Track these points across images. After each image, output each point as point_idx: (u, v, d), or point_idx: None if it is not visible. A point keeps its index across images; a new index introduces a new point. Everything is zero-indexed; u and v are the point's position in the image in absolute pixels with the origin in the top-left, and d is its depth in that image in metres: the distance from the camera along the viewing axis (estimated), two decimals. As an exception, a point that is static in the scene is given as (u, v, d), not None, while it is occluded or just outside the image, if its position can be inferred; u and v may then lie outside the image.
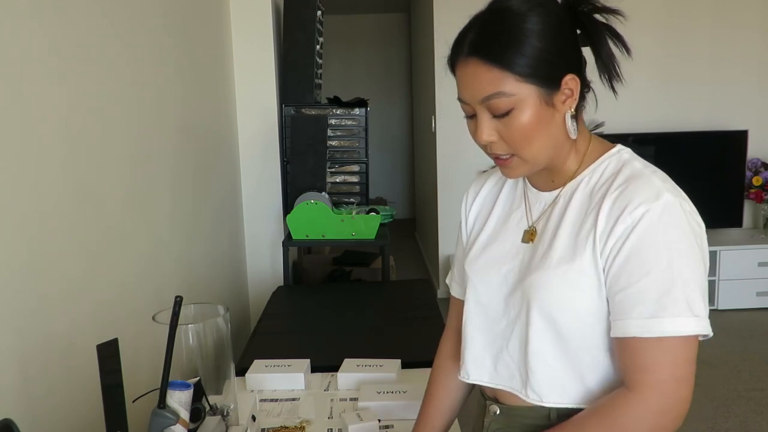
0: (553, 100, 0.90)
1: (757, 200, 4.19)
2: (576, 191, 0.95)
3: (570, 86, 0.91)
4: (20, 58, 1.17)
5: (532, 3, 0.89)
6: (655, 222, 0.85)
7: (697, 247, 0.86)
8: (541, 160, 0.94)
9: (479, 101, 0.90)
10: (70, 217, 1.33)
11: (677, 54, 4.26)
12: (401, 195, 7.40)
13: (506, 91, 0.87)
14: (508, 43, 0.87)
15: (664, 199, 0.86)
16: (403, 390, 1.37)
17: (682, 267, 0.84)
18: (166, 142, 1.98)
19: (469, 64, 0.90)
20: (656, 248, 0.85)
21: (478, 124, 0.92)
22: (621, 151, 0.97)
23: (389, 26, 7.32)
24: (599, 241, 0.88)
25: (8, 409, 1.07)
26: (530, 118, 0.89)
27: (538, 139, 0.90)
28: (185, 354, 1.08)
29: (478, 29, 0.90)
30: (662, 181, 0.90)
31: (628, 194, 0.87)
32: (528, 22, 0.87)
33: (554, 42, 0.89)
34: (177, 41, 2.16)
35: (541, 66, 0.87)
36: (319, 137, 2.93)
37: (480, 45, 0.89)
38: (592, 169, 0.95)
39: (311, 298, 2.51)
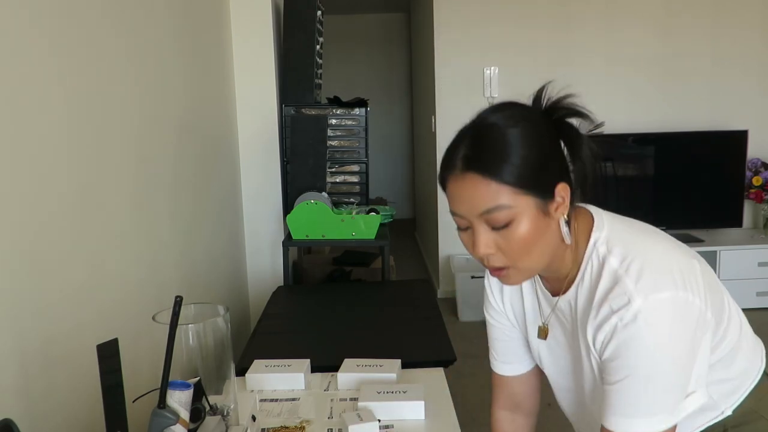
0: (548, 209, 0.92)
1: (757, 200, 4.19)
2: (578, 299, 0.99)
3: (562, 194, 0.92)
4: (20, 58, 1.17)
5: (516, 117, 0.92)
6: (628, 332, 0.88)
7: (675, 334, 0.88)
8: (537, 268, 0.97)
9: (478, 215, 0.91)
10: (70, 217, 1.33)
11: (677, 54, 4.26)
12: (401, 195, 7.40)
13: (505, 203, 0.88)
14: (503, 156, 0.88)
15: (634, 307, 0.87)
16: (403, 390, 1.37)
17: (652, 372, 0.88)
18: (166, 143, 1.98)
19: (465, 179, 0.90)
20: (627, 357, 0.89)
21: (476, 237, 0.92)
22: (597, 242, 0.97)
23: (389, 26, 7.32)
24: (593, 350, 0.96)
25: (8, 408, 1.07)
26: (529, 229, 0.90)
27: (537, 248, 0.92)
28: (185, 354, 1.08)
29: (469, 144, 0.91)
30: (636, 279, 0.89)
31: (605, 309, 0.91)
32: (517, 135, 0.89)
33: (543, 152, 0.91)
34: (177, 41, 2.16)
35: (537, 176, 0.89)
36: (319, 137, 2.93)
37: (475, 159, 0.89)
38: (581, 274, 0.98)
39: (311, 298, 2.51)
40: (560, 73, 4.22)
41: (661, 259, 0.92)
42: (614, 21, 4.23)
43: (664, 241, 0.98)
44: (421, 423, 1.30)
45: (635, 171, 4.22)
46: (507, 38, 4.25)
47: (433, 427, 1.29)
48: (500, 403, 1.25)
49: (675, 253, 0.95)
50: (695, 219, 4.21)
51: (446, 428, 1.28)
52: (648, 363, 0.88)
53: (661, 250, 0.95)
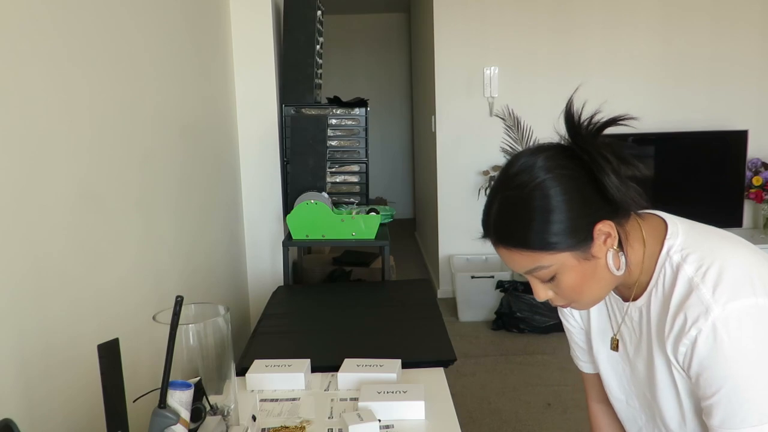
0: (591, 253, 0.92)
1: (757, 200, 4.19)
2: (651, 308, 0.98)
3: (605, 230, 0.92)
4: (21, 59, 1.17)
5: (543, 171, 0.90)
6: (710, 343, 0.87)
7: (760, 340, 0.86)
8: (601, 297, 0.99)
9: (523, 273, 0.96)
10: (71, 217, 1.33)
11: (677, 54, 4.26)
12: (401, 195, 7.40)
13: (543, 264, 0.92)
14: (529, 227, 0.90)
15: (712, 317, 0.86)
16: (404, 390, 1.37)
17: (749, 378, 0.86)
18: (166, 143, 1.98)
19: (500, 248, 0.95)
20: (716, 368, 0.87)
21: (533, 287, 0.98)
22: (670, 250, 0.95)
23: (389, 26, 7.32)
24: (675, 364, 0.94)
25: (8, 409, 1.07)
26: (574, 278, 0.93)
27: (590, 288, 0.95)
28: (186, 354, 1.08)
29: (496, 215, 0.94)
30: (712, 288, 0.88)
31: (681, 320, 0.90)
32: (542, 199, 0.89)
33: (572, 205, 0.90)
34: (177, 41, 2.16)
35: (567, 235, 0.90)
36: (319, 137, 2.93)
37: (504, 235, 0.93)
38: (655, 281, 0.97)
39: (311, 298, 2.51)
40: (560, 73, 4.25)
41: (739, 265, 0.90)
42: (614, 21, 4.23)
43: (742, 247, 0.96)
44: (421, 423, 1.30)
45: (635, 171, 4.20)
46: (507, 38, 4.25)
47: (433, 427, 1.29)
48: (593, 396, 1.27)
49: (753, 259, 0.93)
50: (695, 219, 4.18)
51: (446, 428, 1.28)
52: (739, 371, 0.86)
53: (739, 256, 0.93)
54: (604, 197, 0.91)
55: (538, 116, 4.25)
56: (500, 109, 4.25)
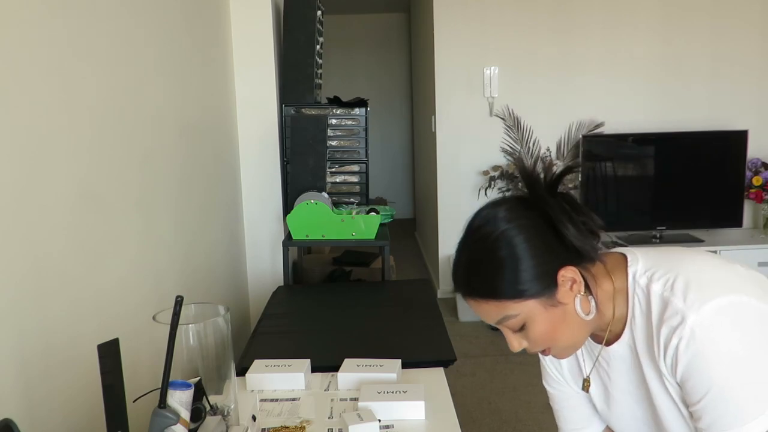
0: (557, 299, 0.95)
1: (757, 200, 4.19)
2: (635, 339, 0.99)
3: (568, 277, 0.95)
4: (21, 59, 1.17)
5: (504, 222, 0.94)
6: (691, 348, 0.89)
7: (738, 337, 0.88)
8: (577, 343, 1.01)
9: (494, 323, 0.98)
10: (71, 217, 1.33)
11: (677, 54, 4.26)
12: (401, 195, 7.40)
13: (510, 314, 0.95)
14: (494, 277, 0.94)
15: (690, 323, 0.89)
16: (404, 390, 1.37)
17: (733, 377, 0.87)
18: (166, 143, 1.98)
19: (470, 301, 0.98)
20: (700, 373, 0.89)
21: (506, 337, 1.00)
22: (635, 276, 0.98)
23: (389, 26, 7.32)
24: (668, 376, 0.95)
25: (8, 409, 1.07)
26: (544, 326, 0.95)
27: (562, 335, 0.97)
28: (186, 354, 1.08)
29: (463, 268, 0.98)
30: (682, 296, 0.91)
31: (663, 334, 0.92)
32: (506, 248, 0.93)
33: (535, 252, 0.93)
34: (177, 41, 2.16)
35: (532, 282, 0.93)
36: (319, 137, 2.93)
37: (471, 287, 0.97)
38: (632, 312, 0.99)
39: (311, 298, 2.51)
40: (560, 73, 4.25)
41: (701, 271, 0.94)
42: (614, 21, 4.22)
43: (697, 255, 1.00)
44: (421, 423, 1.30)
45: (635, 171, 4.22)
46: (507, 38, 4.25)
47: (433, 427, 1.29)
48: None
49: (712, 262, 0.97)
50: (695, 219, 4.20)
51: (446, 428, 1.28)
52: (722, 374, 0.88)
53: (698, 263, 0.96)
54: (565, 245, 0.95)
55: (538, 116, 4.25)
56: (500, 109, 4.25)
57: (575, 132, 4.22)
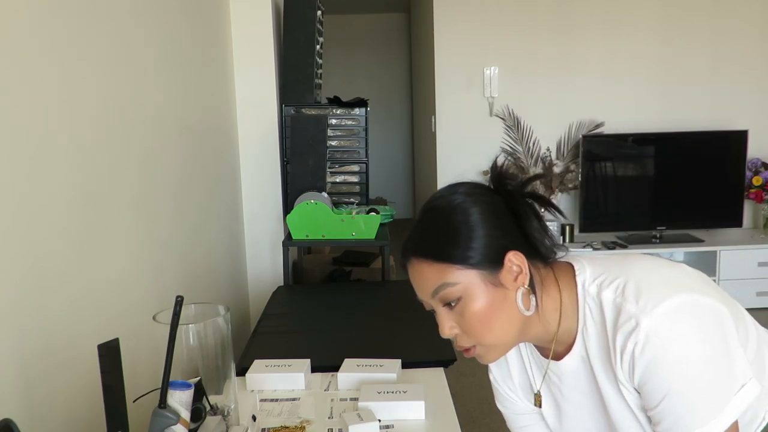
0: (500, 280, 0.93)
1: (757, 200, 4.19)
2: (588, 351, 0.97)
3: (515, 262, 0.93)
4: (21, 59, 1.17)
5: (462, 196, 0.95)
6: (647, 353, 0.87)
7: (693, 336, 0.87)
8: (506, 343, 0.97)
9: (431, 297, 0.95)
10: (71, 217, 1.33)
11: (677, 54, 4.26)
12: (401, 195, 7.39)
13: (449, 281, 0.92)
14: (442, 239, 0.93)
15: (644, 327, 0.87)
16: (404, 390, 1.37)
17: (689, 375, 0.87)
18: (166, 143, 1.98)
19: (414, 264, 0.96)
20: (657, 378, 0.88)
21: (438, 319, 0.97)
22: (584, 285, 0.96)
23: (389, 26, 7.32)
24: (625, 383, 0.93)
25: (9, 409, 1.07)
26: (481, 304, 0.92)
27: (495, 322, 0.93)
28: (186, 354, 1.08)
29: (416, 231, 0.97)
30: (635, 300, 0.89)
31: (618, 340, 0.90)
32: (459, 215, 0.93)
33: (487, 226, 0.93)
34: (177, 41, 2.16)
35: (478, 252, 0.92)
36: (319, 137, 2.93)
37: (419, 246, 0.95)
38: (583, 323, 0.96)
39: (311, 298, 2.51)
40: (560, 73, 4.25)
41: (649, 273, 0.93)
42: (614, 21, 4.22)
43: (643, 259, 0.99)
44: (421, 423, 1.30)
45: (635, 171, 4.22)
46: (507, 38, 4.25)
47: (433, 427, 1.29)
48: None
49: (657, 264, 0.96)
50: (695, 219, 4.20)
51: (446, 428, 1.28)
52: (679, 376, 0.87)
53: (645, 267, 0.95)
54: (521, 234, 0.95)
55: (538, 116, 4.25)
56: (500, 109, 4.25)
57: (575, 132, 4.22)
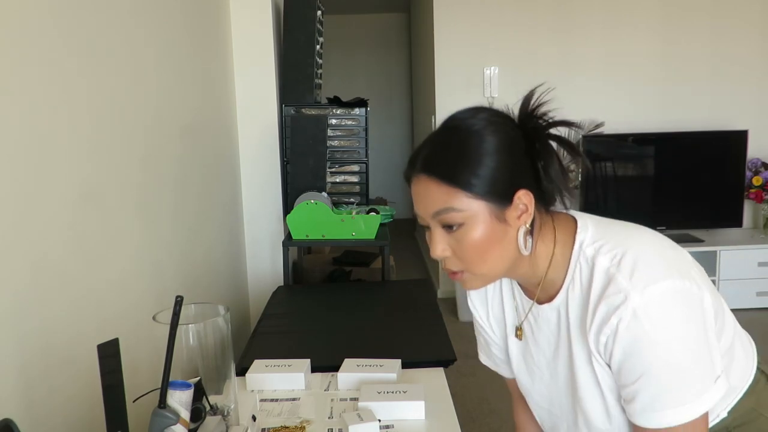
0: (505, 216, 0.91)
1: (757, 200, 4.19)
2: (569, 306, 0.97)
3: (524, 201, 0.92)
4: (21, 59, 1.17)
5: (483, 122, 0.92)
6: (631, 330, 0.86)
7: (680, 322, 0.87)
8: (494, 275, 0.96)
9: (431, 216, 0.93)
10: (71, 217, 1.33)
11: (677, 54, 4.26)
12: (401, 195, 7.36)
13: (456, 206, 0.90)
14: (457, 162, 0.89)
15: (632, 304, 0.86)
16: (404, 390, 1.37)
17: (670, 361, 0.86)
18: (167, 143, 1.98)
19: (421, 180, 0.93)
20: (639, 354, 0.87)
21: (432, 238, 0.94)
22: (582, 245, 0.95)
23: (389, 26, 7.32)
24: (596, 355, 0.93)
25: (8, 409, 1.07)
26: (481, 234, 0.90)
27: (491, 254, 0.92)
28: (186, 354, 1.08)
29: (430, 147, 0.94)
30: (629, 276, 0.88)
31: (602, 311, 0.89)
32: (478, 141, 0.90)
33: (504, 160, 0.90)
34: (177, 41, 2.16)
35: (491, 184, 0.89)
36: (319, 137, 2.93)
37: (431, 163, 0.92)
38: (570, 278, 0.96)
39: (311, 298, 2.51)
40: (560, 73, 4.25)
41: (650, 250, 0.91)
42: (614, 21, 4.22)
43: (647, 233, 0.97)
44: (421, 423, 1.30)
45: (635, 171, 4.22)
46: (507, 38, 4.25)
47: (433, 427, 1.29)
48: (520, 403, 1.23)
49: (661, 243, 0.95)
50: (695, 219, 4.20)
51: (446, 428, 1.28)
52: (661, 356, 0.86)
53: (648, 243, 0.93)
54: (533, 174, 0.93)
55: (538, 116, 4.25)
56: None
57: (575, 132, 4.21)
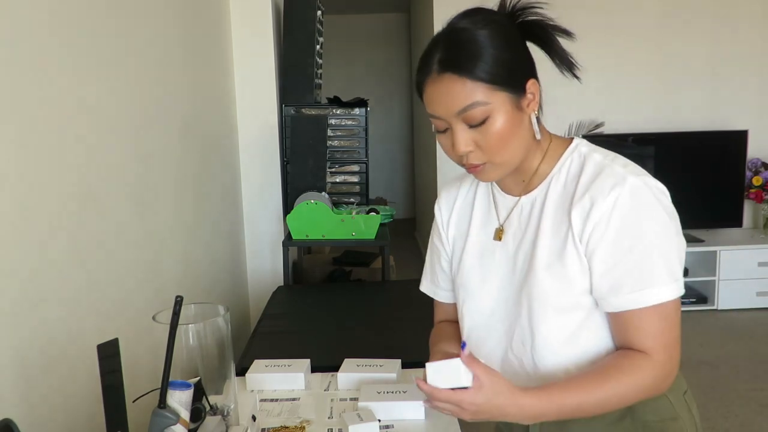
0: (521, 104, 0.97)
1: (757, 200, 4.19)
2: (548, 193, 1.02)
3: (532, 90, 0.98)
4: (22, 57, 1.17)
5: (485, 20, 0.97)
6: (628, 204, 0.93)
7: (666, 216, 0.95)
8: (513, 163, 1.00)
9: (455, 114, 0.95)
10: (70, 216, 1.33)
11: (677, 54, 4.26)
12: (401, 195, 7.39)
13: (481, 100, 0.93)
14: (474, 56, 0.93)
15: (630, 183, 0.93)
16: (404, 390, 1.36)
17: (659, 239, 0.93)
18: (167, 143, 1.98)
19: (443, 80, 0.95)
20: (634, 228, 0.93)
21: (455, 136, 0.97)
22: (579, 145, 1.04)
23: (389, 26, 7.32)
24: (577, 236, 0.96)
25: (8, 409, 1.07)
26: (504, 124, 0.95)
27: (513, 142, 0.97)
28: (185, 354, 1.08)
29: (443, 48, 0.96)
30: (623, 166, 0.97)
31: (597, 187, 0.95)
32: (487, 36, 0.94)
33: (512, 51, 0.97)
34: (177, 41, 2.16)
35: (507, 73, 0.94)
36: (319, 137, 2.93)
37: (450, 61, 0.94)
38: (558, 168, 1.02)
39: (311, 298, 2.51)
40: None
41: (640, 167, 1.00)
42: (614, 21, 4.22)
43: None
44: (421, 423, 1.30)
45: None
46: (507, 38, 4.24)
47: (433, 427, 1.29)
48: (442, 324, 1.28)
49: None
50: (695, 219, 4.20)
51: (446, 428, 1.28)
52: (654, 229, 0.93)
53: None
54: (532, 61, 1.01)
55: (538, 116, 4.25)
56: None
57: (575, 132, 4.20)
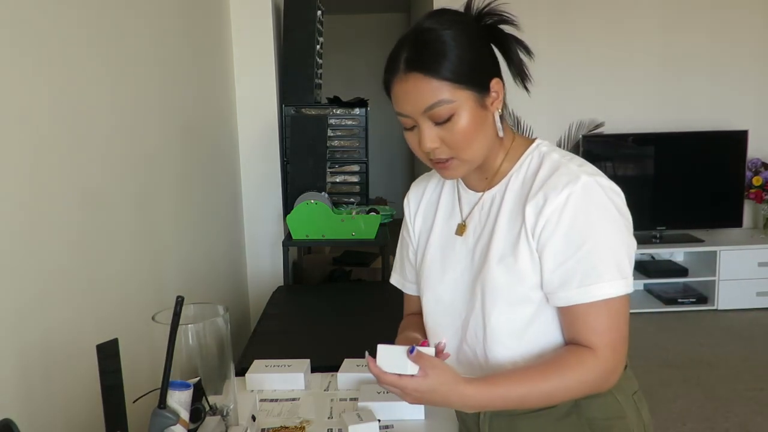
0: (485, 103, 0.99)
1: (757, 200, 4.19)
2: (507, 189, 1.05)
3: (496, 89, 1.01)
4: (23, 60, 1.17)
5: (451, 21, 0.99)
6: (580, 201, 0.95)
7: (618, 214, 0.98)
8: (478, 159, 1.03)
9: (422, 112, 0.98)
10: (71, 216, 1.33)
11: (677, 54, 4.26)
12: (401, 195, 7.34)
13: (446, 98, 0.96)
14: (440, 56, 0.96)
15: (582, 181, 0.96)
16: (403, 390, 1.36)
17: (609, 236, 0.96)
18: (167, 143, 1.98)
19: (409, 79, 0.98)
20: (585, 224, 0.96)
21: (422, 133, 1.00)
22: (540, 145, 1.06)
23: (389, 26, 7.32)
24: (530, 231, 0.99)
25: (8, 409, 1.07)
26: (469, 121, 0.98)
27: (477, 139, 1.00)
28: (185, 354, 1.08)
29: (410, 47, 0.99)
30: (578, 165, 1.00)
31: (551, 184, 0.98)
32: (452, 36, 0.97)
33: (476, 51, 0.99)
34: (178, 42, 2.16)
35: (472, 72, 0.97)
36: (319, 137, 2.93)
37: (416, 60, 0.97)
38: (518, 166, 1.05)
39: (311, 298, 2.51)
40: (560, 73, 4.25)
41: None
42: (614, 21, 4.22)
43: None
44: (421, 423, 1.30)
45: (635, 171, 4.22)
46: (507, 38, 4.25)
47: (433, 427, 1.29)
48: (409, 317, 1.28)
49: None
50: (695, 219, 4.21)
51: (446, 428, 1.28)
52: (604, 227, 0.96)
53: None
54: (496, 61, 1.03)
55: (538, 116, 4.25)
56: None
57: (575, 132, 4.21)
